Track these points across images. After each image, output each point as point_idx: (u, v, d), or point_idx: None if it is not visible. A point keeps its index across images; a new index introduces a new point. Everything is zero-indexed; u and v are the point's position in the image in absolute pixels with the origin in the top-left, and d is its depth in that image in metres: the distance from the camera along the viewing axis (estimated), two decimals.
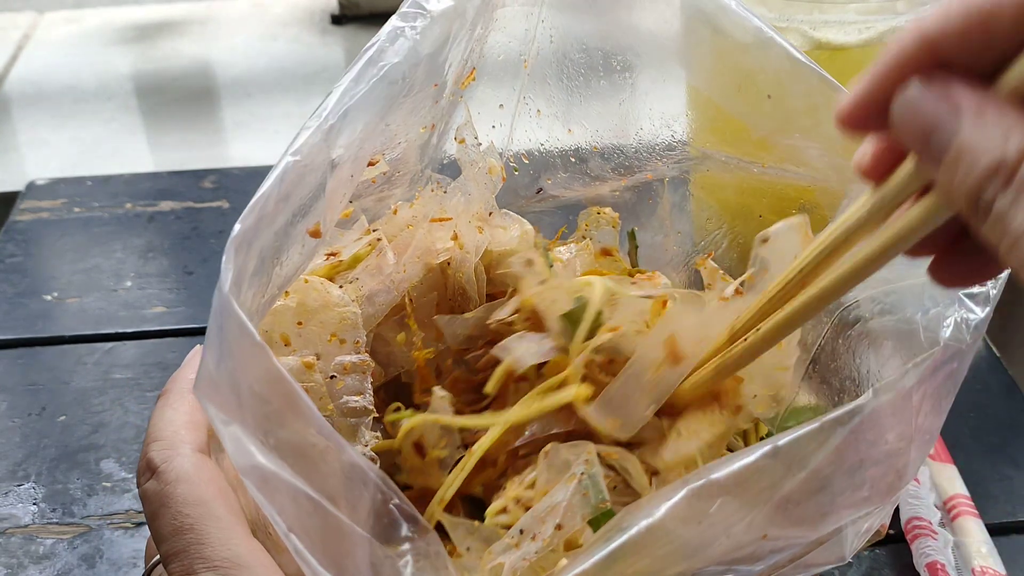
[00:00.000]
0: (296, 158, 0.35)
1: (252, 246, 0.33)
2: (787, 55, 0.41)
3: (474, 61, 0.46)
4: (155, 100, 1.05)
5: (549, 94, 0.50)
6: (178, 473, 0.35)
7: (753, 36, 0.42)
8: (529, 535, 0.34)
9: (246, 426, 0.31)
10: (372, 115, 0.38)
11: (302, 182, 0.35)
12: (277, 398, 0.30)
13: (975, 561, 0.52)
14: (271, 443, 0.30)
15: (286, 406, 0.30)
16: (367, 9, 1.17)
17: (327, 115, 0.36)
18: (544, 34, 0.48)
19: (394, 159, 0.45)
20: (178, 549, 0.34)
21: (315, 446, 0.30)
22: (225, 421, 0.31)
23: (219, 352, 0.32)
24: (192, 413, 0.38)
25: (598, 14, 0.47)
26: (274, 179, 0.34)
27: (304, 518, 0.30)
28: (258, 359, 0.31)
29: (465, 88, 0.47)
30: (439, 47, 0.41)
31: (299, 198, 0.36)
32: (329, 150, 0.36)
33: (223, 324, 0.31)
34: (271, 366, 0.30)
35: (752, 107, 0.43)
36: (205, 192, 0.86)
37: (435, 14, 0.40)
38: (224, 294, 0.31)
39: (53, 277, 0.77)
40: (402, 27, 0.39)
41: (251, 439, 0.30)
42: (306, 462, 0.30)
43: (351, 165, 0.38)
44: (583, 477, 0.36)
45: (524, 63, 0.49)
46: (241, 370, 0.31)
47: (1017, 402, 0.63)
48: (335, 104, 0.37)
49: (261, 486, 0.30)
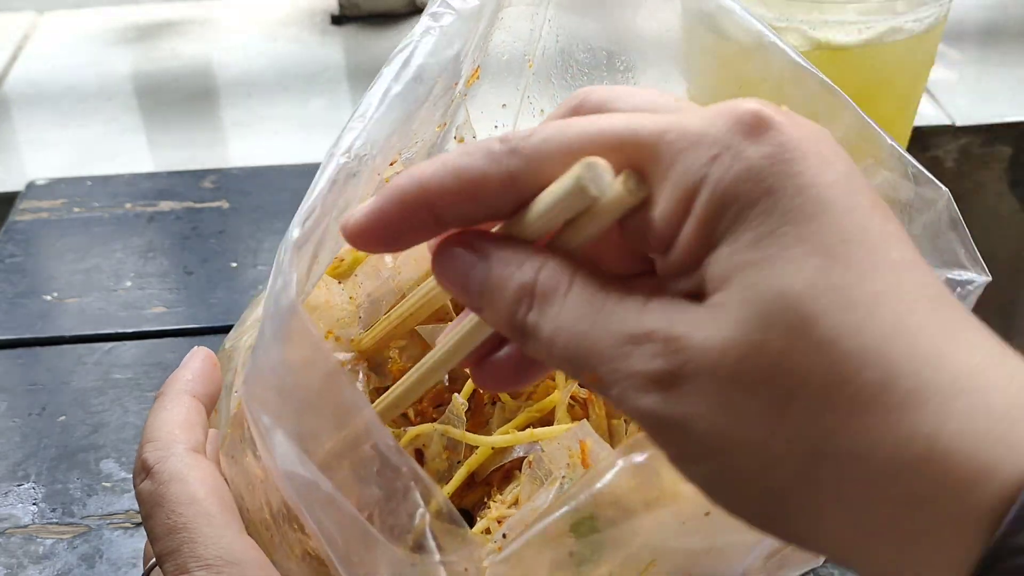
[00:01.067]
0: (345, 159, 0.35)
1: (303, 248, 0.33)
2: (789, 60, 0.41)
3: (479, 60, 0.46)
4: (155, 100, 1.05)
5: (553, 94, 0.50)
6: (172, 473, 0.36)
7: (755, 40, 0.42)
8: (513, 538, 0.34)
9: (290, 431, 0.30)
10: (402, 114, 0.38)
11: (349, 183, 0.35)
12: (333, 407, 0.30)
13: None
14: (320, 454, 0.30)
15: (342, 415, 0.30)
16: (367, 9, 1.17)
17: (371, 114, 0.36)
18: (550, 34, 0.48)
19: (409, 159, 0.45)
20: (172, 548, 0.34)
21: (367, 459, 0.30)
22: (270, 423, 0.31)
23: (274, 356, 0.31)
24: (188, 414, 0.38)
25: (603, 15, 0.47)
26: (325, 181, 0.34)
27: (340, 528, 0.29)
28: (318, 368, 0.30)
29: (470, 87, 0.47)
30: (462, 46, 0.41)
31: (346, 199, 0.36)
32: (373, 150, 0.36)
33: (284, 328, 0.31)
34: (334, 374, 0.30)
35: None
36: (205, 192, 0.86)
37: (463, 13, 0.40)
38: (292, 300, 0.30)
39: (53, 277, 0.77)
40: (433, 26, 0.39)
41: (296, 447, 0.30)
42: (351, 474, 0.30)
43: (380, 163, 0.38)
44: (564, 480, 0.36)
45: (529, 63, 0.49)
46: (296, 377, 0.31)
47: None
48: (377, 103, 0.37)
49: (302, 494, 0.30)
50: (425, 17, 0.40)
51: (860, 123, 0.39)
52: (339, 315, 0.41)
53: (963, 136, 0.95)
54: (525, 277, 0.27)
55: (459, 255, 0.28)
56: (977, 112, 0.97)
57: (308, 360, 0.31)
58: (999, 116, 0.96)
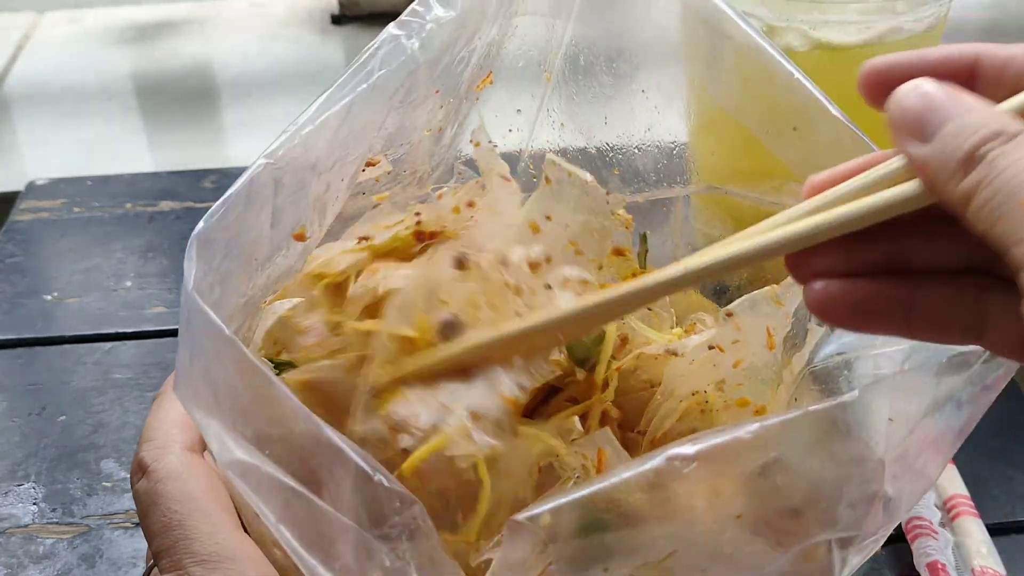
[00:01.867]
0: (269, 161, 0.35)
1: (222, 245, 0.33)
2: (812, 95, 0.41)
3: (490, 64, 0.46)
4: (155, 100, 1.05)
5: (572, 110, 0.50)
6: (167, 471, 0.36)
7: (753, 42, 0.42)
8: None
9: (224, 420, 0.31)
10: (360, 121, 0.38)
11: (277, 185, 0.35)
12: (250, 389, 0.30)
13: (975, 561, 0.52)
14: (249, 435, 0.31)
15: (260, 395, 0.30)
16: (367, 9, 1.17)
17: (304, 121, 0.36)
18: (567, 48, 0.48)
19: (398, 160, 0.45)
20: (167, 545, 0.34)
21: (292, 432, 0.30)
22: (204, 417, 0.31)
23: (191, 349, 0.32)
24: (185, 413, 0.38)
25: (608, 19, 0.47)
26: (244, 180, 0.35)
27: (289, 508, 0.30)
28: (229, 352, 0.31)
29: (480, 91, 0.47)
30: (440, 55, 0.41)
31: (279, 200, 0.36)
32: (308, 154, 0.36)
33: (191, 321, 0.31)
34: (242, 357, 0.30)
35: (778, 137, 0.43)
36: (205, 192, 0.86)
37: (436, 24, 0.40)
38: (188, 291, 0.31)
39: (53, 277, 0.77)
40: (398, 35, 0.40)
41: (230, 433, 0.31)
42: (285, 450, 0.30)
43: (340, 170, 0.38)
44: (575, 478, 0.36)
45: (546, 75, 0.49)
46: (214, 365, 0.31)
47: (1017, 403, 0.63)
48: (315, 111, 0.37)
49: (245, 479, 0.30)
50: (391, 27, 0.40)
51: (849, 133, 0.39)
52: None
53: None
54: (1009, 126, 0.26)
55: (934, 87, 0.27)
56: None
57: (217, 349, 0.31)
58: None
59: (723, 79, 0.45)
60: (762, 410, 0.41)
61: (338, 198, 0.39)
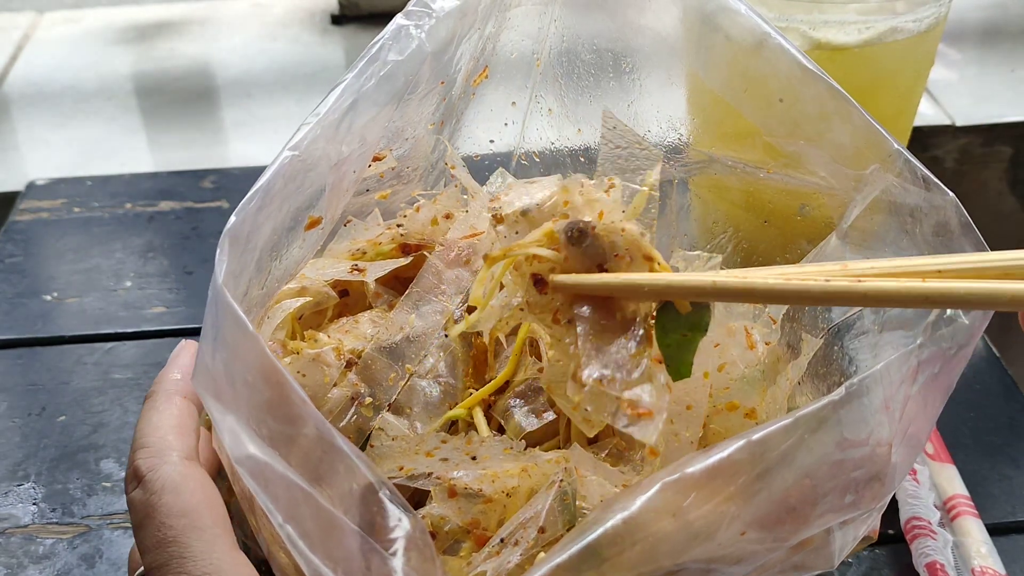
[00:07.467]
0: (295, 153, 0.35)
1: (249, 239, 0.33)
2: (796, 61, 0.41)
3: (487, 59, 0.47)
4: (155, 100, 1.05)
5: (560, 93, 0.50)
6: (164, 483, 0.35)
7: (758, 39, 0.42)
8: (511, 541, 0.35)
9: (240, 416, 0.31)
10: (374, 112, 0.38)
11: (303, 178, 0.35)
12: (269, 388, 0.31)
13: (975, 561, 0.52)
14: (264, 433, 0.31)
15: (278, 396, 0.30)
16: (367, 9, 1.17)
17: (327, 112, 0.36)
18: (556, 34, 0.48)
19: (402, 155, 0.45)
20: (161, 562, 0.34)
21: (306, 436, 0.30)
22: (220, 410, 0.31)
23: (214, 343, 0.32)
24: (180, 416, 0.38)
25: (609, 15, 0.47)
26: (271, 173, 0.35)
27: (296, 508, 0.30)
28: (251, 349, 0.31)
29: (477, 85, 0.47)
30: (445, 45, 0.41)
31: (302, 194, 0.36)
32: (329, 146, 0.36)
33: (218, 315, 0.31)
34: (264, 356, 0.30)
35: (762, 110, 0.43)
36: (205, 192, 0.86)
37: (441, 13, 0.40)
38: (218, 285, 0.31)
39: (53, 277, 0.77)
40: (407, 25, 0.40)
41: (245, 429, 0.31)
42: (298, 452, 0.30)
43: (354, 161, 0.38)
44: (563, 484, 0.36)
45: (537, 62, 0.49)
46: (235, 360, 0.31)
47: (1017, 402, 0.63)
48: (335, 101, 0.37)
49: (255, 476, 0.30)
50: (399, 17, 0.40)
51: (867, 126, 0.39)
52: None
53: (963, 136, 0.95)
54: None
55: None
56: (977, 112, 0.97)
57: (240, 345, 0.31)
58: (999, 116, 0.96)
59: (713, 62, 0.46)
60: (752, 412, 0.41)
61: (348, 191, 0.39)
